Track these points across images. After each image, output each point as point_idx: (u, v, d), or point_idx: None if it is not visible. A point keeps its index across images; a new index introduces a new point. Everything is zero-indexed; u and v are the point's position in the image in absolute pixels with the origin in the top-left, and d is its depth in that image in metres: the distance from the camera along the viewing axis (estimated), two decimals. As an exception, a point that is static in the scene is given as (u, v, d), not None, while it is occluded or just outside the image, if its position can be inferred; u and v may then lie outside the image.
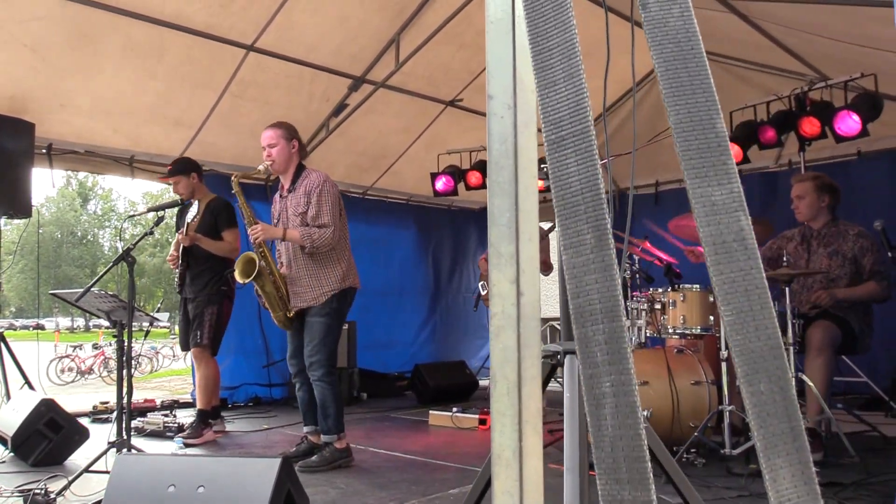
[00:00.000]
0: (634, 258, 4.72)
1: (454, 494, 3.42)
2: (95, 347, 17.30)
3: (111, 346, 16.94)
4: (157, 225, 4.17)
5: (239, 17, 5.25)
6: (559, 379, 1.84)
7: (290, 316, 4.18)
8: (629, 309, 4.44)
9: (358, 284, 4.34)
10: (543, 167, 0.87)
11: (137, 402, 6.10)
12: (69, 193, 49.62)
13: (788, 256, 4.10)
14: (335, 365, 4.21)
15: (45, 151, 5.65)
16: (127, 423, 3.57)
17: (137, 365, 14.21)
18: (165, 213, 4.35)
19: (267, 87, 6.02)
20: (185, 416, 5.62)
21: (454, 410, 5.56)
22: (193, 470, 2.56)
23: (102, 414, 5.93)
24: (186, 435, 4.86)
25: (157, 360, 17.43)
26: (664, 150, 6.19)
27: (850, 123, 5.15)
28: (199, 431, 4.90)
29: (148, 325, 4.60)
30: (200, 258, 5.02)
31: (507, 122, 0.97)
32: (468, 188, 7.28)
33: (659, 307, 4.37)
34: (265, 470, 2.49)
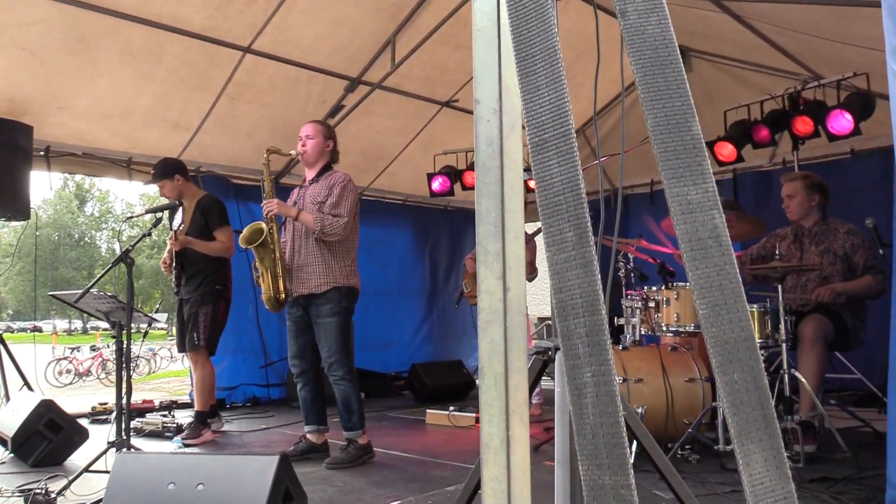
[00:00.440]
0: (629, 257, 4.75)
1: (451, 492, 3.45)
2: (93, 349, 17.31)
3: (109, 347, 16.95)
4: (154, 226, 4.21)
5: (235, 19, 5.28)
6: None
7: (280, 299, 4.23)
8: (624, 307, 4.47)
9: (359, 288, 4.40)
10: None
11: (136, 402, 6.13)
12: (66, 195, 49.50)
13: (781, 254, 4.14)
14: (353, 362, 4.28)
15: (43, 154, 5.68)
16: (126, 422, 3.60)
17: (136, 367, 14.20)
18: (164, 214, 4.38)
19: (263, 88, 6.05)
20: (183, 416, 5.65)
21: (451, 409, 5.59)
22: (193, 468, 2.59)
23: (101, 415, 5.96)
24: (185, 436, 4.89)
25: (154, 361, 17.42)
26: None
27: (842, 122, 5.20)
28: (197, 432, 4.94)
29: (146, 326, 4.62)
30: (195, 259, 5.03)
31: (493, 125, 1.01)
32: (464, 188, 7.31)
33: (653, 305, 4.40)
34: (264, 467, 2.53)
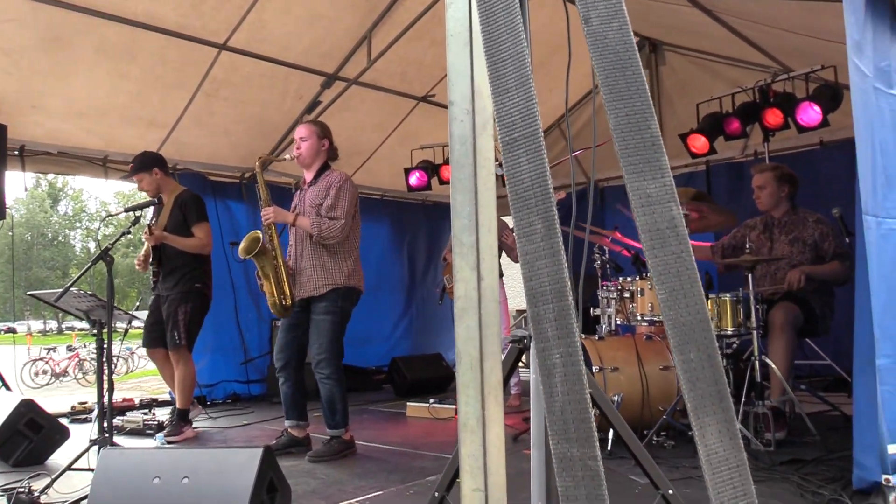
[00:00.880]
0: (605, 249, 4.83)
1: (431, 482, 3.50)
2: (70, 349, 17.15)
3: (86, 347, 16.82)
4: (133, 225, 4.19)
5: (210, 16, 5.28)
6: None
7: (285, 304, 4.26)
8: (599, 298, 4.55)
9: (362, 288, 4.42)
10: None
11: (116, 401, 6.12)
12: (39, 195, 48.78)
13: (751, 244, 4.24)
14: (342, 362, 4.30)
15: (17, 153, 5.64)
16: (109, 419, 3.61)
17: (114, 366, 14.09)
18: (142, 212, 4.38)
19: (240, 85, 6.04)
20: (163, 414, 5.66)
21: (431, 402, 5.65)
22: (177, 462, 2.62)
23: (81, 414, 5.96)
24: (167, 433, 4.90)
25: (132, 360, 17.30)
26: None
27: (811, 114, 5.32)
28: (178, 429, 4.94)
29: (126, 324, 4.61)
30: (173, 255, 4.99)
31: (466, 125, 1.06)
32: (441, 183, 7.37)
33: (628, 295, 4.49)
34: (248, 460, 2.56)
